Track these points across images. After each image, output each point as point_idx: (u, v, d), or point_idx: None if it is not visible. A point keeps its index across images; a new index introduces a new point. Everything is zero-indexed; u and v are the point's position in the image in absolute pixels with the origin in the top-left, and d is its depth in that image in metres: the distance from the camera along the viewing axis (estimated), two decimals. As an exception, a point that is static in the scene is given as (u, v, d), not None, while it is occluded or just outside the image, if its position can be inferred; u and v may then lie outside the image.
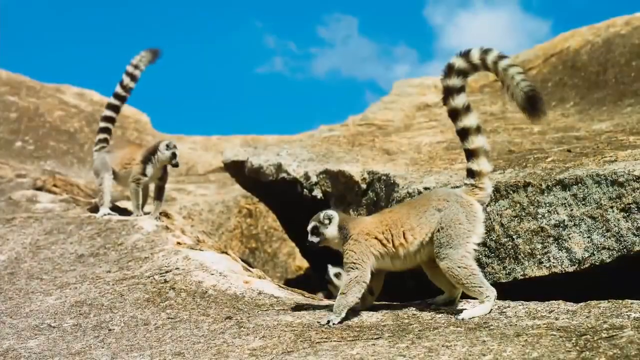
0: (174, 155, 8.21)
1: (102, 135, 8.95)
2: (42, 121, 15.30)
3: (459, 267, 5.25)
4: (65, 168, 14.04)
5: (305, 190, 8.23)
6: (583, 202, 6.43)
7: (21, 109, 15.40)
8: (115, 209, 8.74)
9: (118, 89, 8.96)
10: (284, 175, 8.41)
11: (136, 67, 8.88)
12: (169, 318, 5.82)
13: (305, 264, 10.45)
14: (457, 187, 6.16)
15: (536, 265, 6.47)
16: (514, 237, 6.58)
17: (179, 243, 7.30)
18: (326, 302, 6.31)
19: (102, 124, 9.00)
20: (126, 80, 8.89)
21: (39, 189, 10.45)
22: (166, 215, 8.59)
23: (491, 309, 5.31)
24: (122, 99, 9.00)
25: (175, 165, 8.32)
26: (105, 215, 8.32)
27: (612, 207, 6.33)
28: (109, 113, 8.98)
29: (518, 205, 6.63)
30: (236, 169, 9.07)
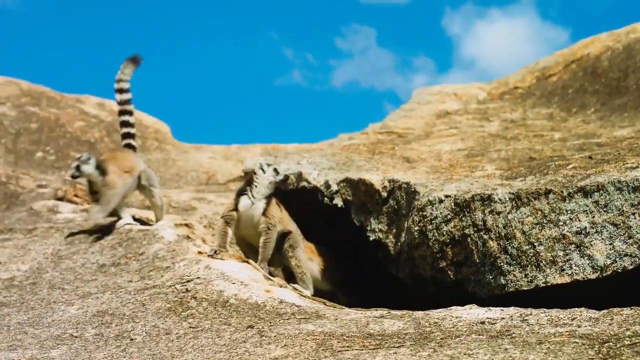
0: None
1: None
2: (62, 131, 15.37)
3: None
4: (86, 178, 14.07)
5: (325, 198, 8.23)
6: (605, 209, 6.41)
7: (42, 119, 15.47)
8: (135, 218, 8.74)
9: (119, 108, 8.77)
10: (304, 184, 8.41)
11: (120, 80, 8.69)
12: (190, 327, 5.83)
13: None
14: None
15: (558, 272, 6.46)
16: (535, 244, 6.56)
17: (200, 252, 7.31)
18: (347, 310, 6.30)
19: (124, 142, 8.83)
20: (119, 97, 8.70)
21: (60, 199, 10.50)
22: (187, 224, 8.60)
23: None
24: (129, 113, 8.78)
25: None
26: (126, 225, 8.30)
27: (634, 214, 6.31)
28: (125, 130, 8.79)
29: (539, 212, 6.61)
30: (256, 178, 9.06)
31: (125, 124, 8.70)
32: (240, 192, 7.56)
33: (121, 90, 8.68)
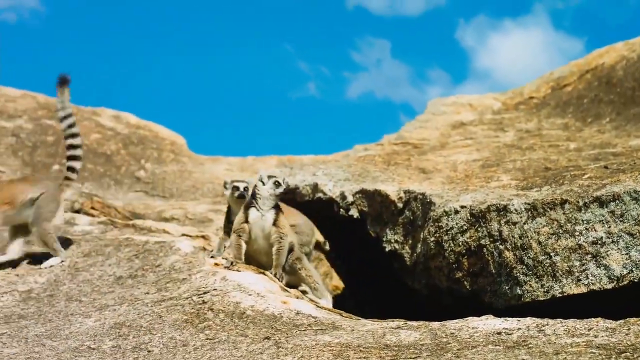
0: None
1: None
2: (79, 144, 15.42)
3: None
4: (102, 190, 14.16)
5: (341, 209, 8.25)
6: (621, 219, 6.41)
7: (58, 132, 15.51)
8: None
9: (66, 132, 8.52)
10: (320, 195, 8.43)
11: (64, 108, 8.52)
12: (207, 339, 5.85)
13: (342, 283, 10.44)
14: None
15: (574, 282, 6.45)
16: (551, 254, 6.56)
17: (216, 264, 7.33)
18: (363, 321, 6.31)
19: (68, 163, 8.56)
20: (64, 123, 8.52)
21: (77, 211, 10.54)
22: (203, 236, 8.62)
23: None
24: (75, 135, 8.51)
25: None
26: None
27: (650, 224, 6.31)
28: (70, 153, 8.51)
29: (555, 222, 6.61)
30: (272, 190, 9.09)
31: (70, 147, 8.47)
32: (248, 205, 7.58)
33: (66, 117, 8.49)
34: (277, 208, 7.51)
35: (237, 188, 7.88)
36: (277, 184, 7.48)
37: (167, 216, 11.95)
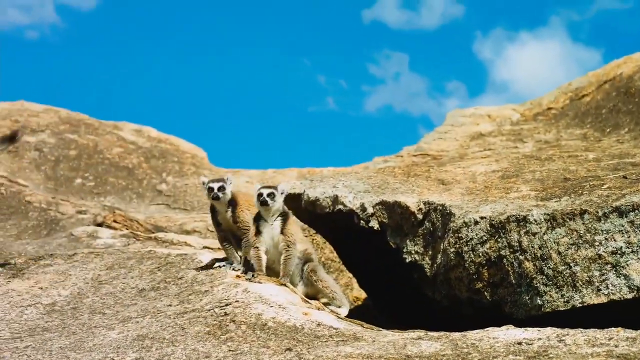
0: None
1: None
2: (101, 158, 15.55)
3: None
4: (124, 203, 14.25)
5: (361, 221, 8.27)
6: (640, 229, 6.42)
7: (80, 146, 15.66)
8: None
9: None
10: (340, 207, 8.45)
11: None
12: (230, 350, 5.88)
13: (363, 294, 10.46)
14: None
15: (594, 292, 6.46)
16: (571, 264, 6.57)
17: (238, 276, 7.38)
18: (384, 332, 6.34)
19: None
20: None
21: (100, 224, 10.63)
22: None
23: None
24: None
25: None
26: None
27: (669, 233, 6.31)
28: None
29: (575, 233, 6.62)
30: (292, 202, 9.15)
31: None
32: (257, 217, 7.65)
33: None
34: (284, 216, 7.58)
35: (212, 189, 7.87)
36: (271, 196, 7.54)
37: (189, 229, 12.01)
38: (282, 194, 7.62)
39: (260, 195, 7.52)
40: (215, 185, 7.81)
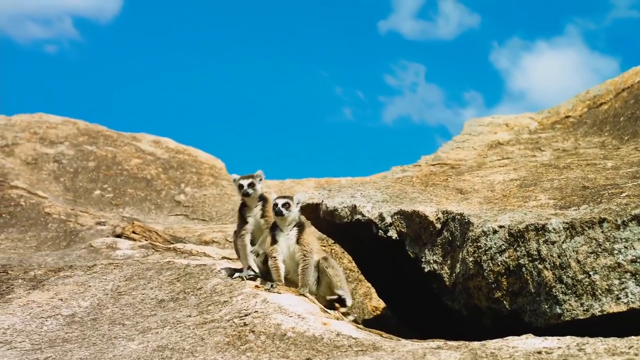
0: None
1: None
2: (119, 169, 15.62)
3: None
4: (143, 214, 14.29)
5: (380, 231, 8.27)
6: (660, 237, 6.40)
7: (99, 157, 15.73)
8: None
9: None
10: (358, 216, 8.45)
11: None
12: (249, 360, 5.90)
13: (381, 304, 10.46)
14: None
15: (614, 301, 6.44)
16: (590, 273, 6.55)
17: (257, 286, 7.39)
18: (404, 342, 6.34)
19: None
20: None
21: (119, 235, 10.66)
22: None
23: None
24: None
25: None
26: None
27: (689, 241, 6.30)
28: None
29: (594, 241, 6.61)
30: (310, 212, 9.16)
31: None
32: (273, 227, 7.72)
33: None
34: (300, 226, 7.63)
35: (242, 186, 7.97)
36: (286, 206, 7.61)
37: (208, 239, 12.04)
38: (297, 204, 7.67)
39: (275, 205, 7.58)
40: (245, 182, 7.94)
